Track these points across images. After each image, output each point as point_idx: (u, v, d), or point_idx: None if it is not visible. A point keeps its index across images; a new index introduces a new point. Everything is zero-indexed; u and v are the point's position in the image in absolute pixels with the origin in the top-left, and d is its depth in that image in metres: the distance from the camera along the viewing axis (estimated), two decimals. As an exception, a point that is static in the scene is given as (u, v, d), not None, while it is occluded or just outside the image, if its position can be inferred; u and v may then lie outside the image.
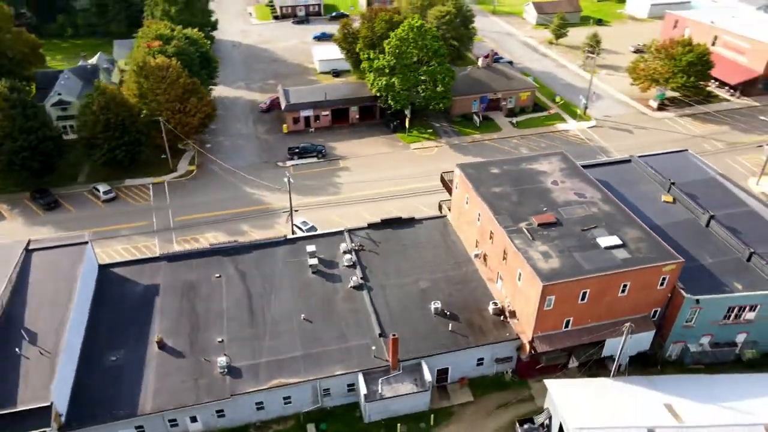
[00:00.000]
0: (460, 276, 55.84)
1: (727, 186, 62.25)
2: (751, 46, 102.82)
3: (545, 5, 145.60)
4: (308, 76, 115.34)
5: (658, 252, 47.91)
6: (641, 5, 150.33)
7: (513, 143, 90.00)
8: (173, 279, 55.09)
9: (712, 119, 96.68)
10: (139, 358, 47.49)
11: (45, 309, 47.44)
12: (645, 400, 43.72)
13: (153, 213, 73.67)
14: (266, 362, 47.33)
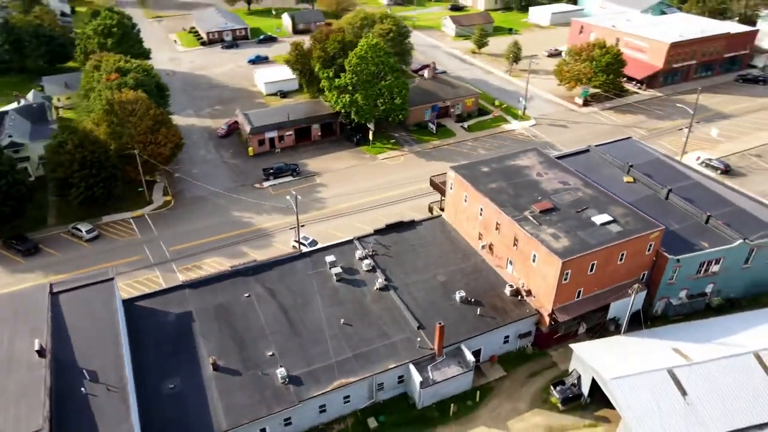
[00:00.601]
0: (471, 267, 61.51)
1: (672, 164, 73.15)
2: (649, 45, 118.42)
3: (462, 18, 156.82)
4: (255, 99, 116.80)
5: (643, 223, 56.37)
6: (543, 14, 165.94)
7: (469, 146, 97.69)
8: (203, 304, 56.02)
9: (630, 110, 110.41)
10: (197, 381, 48.43)
11: (94, 347, 47.06)
12: (656, 348, 51.51)
13: (144, 246, 72.78)
14: (321, 367, 50.07)
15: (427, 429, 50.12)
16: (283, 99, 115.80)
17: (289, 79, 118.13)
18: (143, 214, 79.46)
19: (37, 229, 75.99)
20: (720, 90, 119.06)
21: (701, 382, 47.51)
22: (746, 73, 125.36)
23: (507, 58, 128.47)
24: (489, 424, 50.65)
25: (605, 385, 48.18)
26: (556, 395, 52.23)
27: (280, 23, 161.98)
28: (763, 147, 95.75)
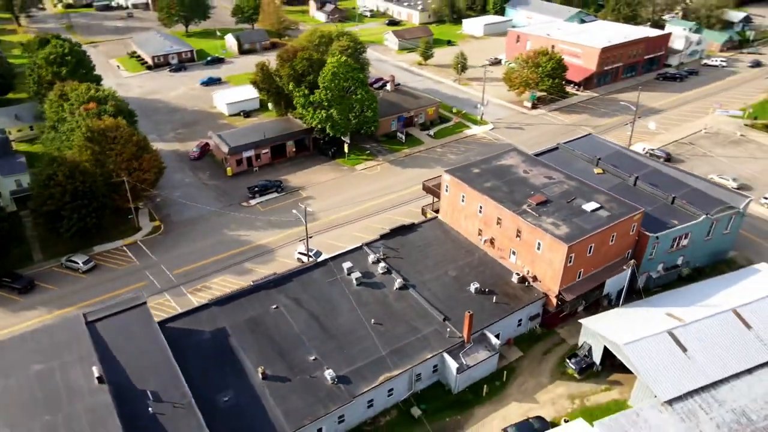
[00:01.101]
0: (476, 261, 66.65)
1: (631, 155, 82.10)
2: (582, 50, 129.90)
3: (403, 32, 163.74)
4: (217, 120, 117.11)
5: (625, 207, 63.79)
6: (476, 26, 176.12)
7: (439, 152, 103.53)
8: (235, 319, 57.52)
9: (573, 110, 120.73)
10: (250, 391, 50.14)
11: (146, 369, 47.87)
12: (652, 315, 58.61)
13: (146, 272, 72.46)
14: (364, 365, 53.21)
15: (466, 411, 54.40)
16: (247, 118, 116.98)
17: (250, 98, 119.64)
18: (135, 241, 78.80)
19: (24, 266, 73.54)
20: (645, 88, 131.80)
21: (695, 339, 54.87)
22: (665, 71, 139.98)
23: (455, 68, 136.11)
24: (519, 399, 55.67)
25: (619, 351, 54.51)
26: (572, 367, 58.10)
27: (223, 44, 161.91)
28: (693, 135, 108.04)
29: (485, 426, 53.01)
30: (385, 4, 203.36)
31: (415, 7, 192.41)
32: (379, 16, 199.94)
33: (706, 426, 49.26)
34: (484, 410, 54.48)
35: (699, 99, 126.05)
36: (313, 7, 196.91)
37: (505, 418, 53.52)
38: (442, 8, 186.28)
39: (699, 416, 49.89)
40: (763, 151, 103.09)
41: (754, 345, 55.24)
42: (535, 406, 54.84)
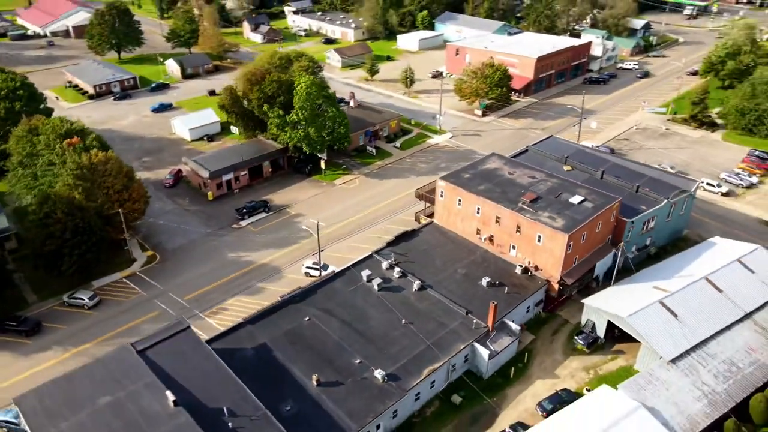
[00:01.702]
0: (479, 257, 72.49)
1: (590, 152, 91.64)
2: (519, 60, 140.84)
3: (345, 50, 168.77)
4: (181, 146, 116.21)
5: (605, 198, 72.15)
6: (411, 41, 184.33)
7: (408, 162, 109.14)
8: (273, 334, 59.61)
9: (520, 115, 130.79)
10: (309, 399, 52.69)
11: (211, 388, 49.26)
12: (640, 289, 66.91)
13: (156, 302, 72.18)
14: (407, 362, 57.24)
15: (498, 393, 59.71)
16: (211, 142, 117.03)
17: (212, 122, 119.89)
18: (134, 273, 77.93)
19: (19, 309, 70.88)
20: (575, 91, 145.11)
21: (681, 305, 63.51)
22: (589, 76, 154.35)
23: (403, 82, 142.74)
24: (542, 376, 61.76)
25: (623, 322, 62.04)
26: (581, 343, 65.06)
27: (164, 69, 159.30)
28: (627, 132, 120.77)
29: (519, 404, 58.58)
30: (317, 23, 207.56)
31: (348, 25, 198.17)
32: (313, 35, 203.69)
33: (705, 377, 57.60)
34: (515, 390, 60.08)
35: (624, 99, 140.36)
36: (247, 29, 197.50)
37: (535, 395, 59.37)
38: (375, 25, 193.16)
39: (698, 370, 58.20)
40: (686, 141, 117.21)
41: (728, 305, 64.79)
42: (558, 381, 61.15)
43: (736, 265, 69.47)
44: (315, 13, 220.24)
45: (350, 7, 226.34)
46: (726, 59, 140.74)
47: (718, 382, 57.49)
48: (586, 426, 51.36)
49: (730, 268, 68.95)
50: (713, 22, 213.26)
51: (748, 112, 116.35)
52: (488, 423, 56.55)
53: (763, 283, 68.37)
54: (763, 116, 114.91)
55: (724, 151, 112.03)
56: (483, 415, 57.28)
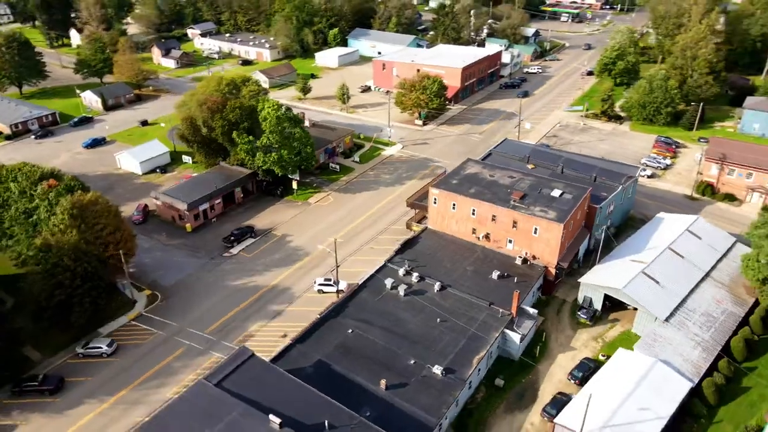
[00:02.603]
0: (480, 254, 79.45)
1: (544, 150, 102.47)
2: (446, 71, 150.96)
3: (270, 71, 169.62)
4: (133, 180, 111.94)
5: (578, 189, 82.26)
6: (330, 58, 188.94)
7: (372, 174, 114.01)
8: (324, 349, 62.19)
9: (456, 122, 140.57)
10: (383, 402, 56.13)
11: (301, 406, 51.20)
12: (622, 264, 77.42)
13: (177, 339, 70.89)
14: (455, 355, 62.42)
15: (531, 371, 66.76)
16: (165, 174, 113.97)
17: (161, 153, 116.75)
18: (139, 314, 75.57)
19: (27, 368, 66.40)
20: (496, 96, 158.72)
21: (659, 273, 74.79)
22: (504, 81, 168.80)
23: (339, 98, 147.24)
24: (562, 351, 69.83)
25: (619, 294, 71.81)
26: (583, 317, 74.11)
27: (79, 102, 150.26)
28: (553, 129, 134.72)
29: (552, 377, 66.06)
30: (228, 45, 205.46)
31: (263, 45, 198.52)
32: (226, 57, 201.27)
33: (693, 329, 68.83)
34: (544, 366, 67.51)
35: (538, 100, 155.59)
36: (157, 54, 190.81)
37: (563, 367, 67.20)
38: (290, 45, 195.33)
39: (687, 324, 69.33)
40: (603, 134, 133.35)
41: (691, 268, 77.24)
42: (576, 352, 69.53)
43: (687, 234, 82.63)
44: (223, 35, 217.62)
45: (256, 28, 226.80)
46: (616, 60, 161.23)
47: (703, 331, 68.97)
48: (622, 383, 59.91)
49: (683, 237, 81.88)
50: (588, 27, 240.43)
51: (648, 105, 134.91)
52: (532, 398, 63.41)
53: (711, 247, 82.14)
54: (660, 108, 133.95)
55: (635, 140, 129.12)
56: (526, 392, 64.03)
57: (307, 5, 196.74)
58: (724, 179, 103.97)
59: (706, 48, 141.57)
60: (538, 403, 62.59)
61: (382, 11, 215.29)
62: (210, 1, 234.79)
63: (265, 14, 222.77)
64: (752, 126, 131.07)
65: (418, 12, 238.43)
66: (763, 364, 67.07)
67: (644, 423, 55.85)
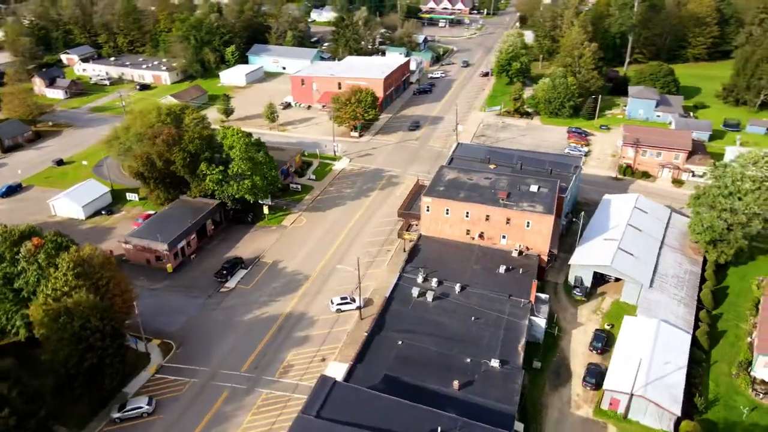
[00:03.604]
0: (478, 252, 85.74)
1: (498, 150, 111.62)
2: (368, 82, 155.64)
3: (181, 94, 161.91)
4: (78, 227, 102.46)
5: (548, 183, 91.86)
6: (237, 76, 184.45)
7: (332, 189, 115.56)
8: (384, 363, 64.65)
9: (388, 131, 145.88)
10: (460, 401, 59.90)
11: (406, 421, 53.36)
12: (599, 243, 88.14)
13: (213, 383, 68.27)
14: (502, 346, 67.86)
15: (556, 349, 74.33)
16: (112, 215, 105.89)
17: (102, 194, 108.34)
18: (160, 365, 71.20)
19: (57, 446, 60.34)
20: (413, 103, 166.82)
21: (630, 246, 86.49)
22: (417, 88, 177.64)
23: (267, 117, 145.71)
24: (573, 327, 78.37)
25: (608, 269, 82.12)
26: (579, 294, 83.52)
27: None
28: (479, 129, 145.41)
29: (576, 351, 74.16)
30: (117, 70, 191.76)
31: (158, 68, 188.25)
32: (117, 83, 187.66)
33: (669, 289, 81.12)
34: (565, 342, 75.54)
35: (452, 102, 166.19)
36: (40, 84, 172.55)
37: (579, 341, 75.72)
38: (190, 65, 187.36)
39: (664, 287, 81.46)
40: (521, 129, 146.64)
41: (650, 239, 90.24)
42: (585, 326, 78.49)
43: (637, 211, 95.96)
44: (107, 59, 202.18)
45: (140, 49, 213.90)
46: (511, 61, 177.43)
47: (678, 290, 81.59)
48: (641, 345, 69.46)
49: (635, 213, 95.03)
50: (467, 32, 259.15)
51: (553, 100, 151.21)
52: (567, 373, 70.96)
53: (657, 219, 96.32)
54: (564, 102, 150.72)
55: (550, 133, 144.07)
56: (560, 369, 71.43)
57: (204, 24, 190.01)
58: (639, 160, 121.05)
59: (590, 47, 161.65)
60: (575, 376, 70.32)
61: (276, 26, 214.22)
62: (82, 24, 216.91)
63: (150, 35, 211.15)
64: (638, 111, 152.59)
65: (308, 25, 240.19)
66: (726, 309, 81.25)
67: (672, 375, 65.70)
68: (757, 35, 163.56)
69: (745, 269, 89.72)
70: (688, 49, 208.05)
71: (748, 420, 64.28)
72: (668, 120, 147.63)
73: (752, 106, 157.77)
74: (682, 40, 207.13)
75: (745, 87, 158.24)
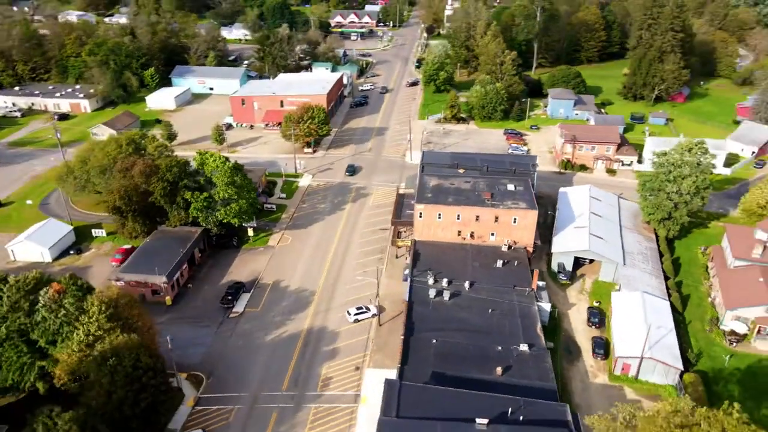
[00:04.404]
0: (472, 250, 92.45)
1: (462, 154, 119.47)
2: (311, 98, 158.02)
3: (114, 122, 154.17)
4: (47, 269, 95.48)
5: (521, 182, 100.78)
6: (166, 100, 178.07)
7: (306, 205, 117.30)
8: (427, 361, 68.79)
9: (338, 144, 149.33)
10: (505, 384, 65.66)
11: (471, 410, 58.25)
12: (570, 231, 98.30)
13: (260, 407, 68.70)
14: (524, 331, 74.62)
15: (560, 329, 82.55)
16: (82, 254, 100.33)
17: (66, 233, 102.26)
18: (197, 397, 70.15)
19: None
20: (353, 115, 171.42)
21: (598, 231, 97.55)
22: (353, 100, 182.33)
23: (216, 139, 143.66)
24: (567, 308, 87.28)
25: (588, 253, 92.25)
26: (563, 278, 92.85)
27: None
28: (426, 136, 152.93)
29: (577, 328, 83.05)
30: (25, 99, 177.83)
31: (75, 95, 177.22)
32: (28, 114, 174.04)
33: (639, 265, 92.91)
34: (565, 322, 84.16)
35: (389, 112, 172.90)
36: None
37: (577, 319, 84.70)
38: (112, 90, 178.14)
39: (635, 263, 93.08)
40: (463, 134, 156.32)
41: (609, 223, 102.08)
42: (577, 305, 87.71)
43: (592, 200, 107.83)
44: (10, 89, 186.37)
45: (45, 76, 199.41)
46: (438, 71, 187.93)
47: (645, 264, 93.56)
48: (633, 315, 79.43)
49: (591, 202, 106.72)
50: (381, 44, 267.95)
51: (486, 105, 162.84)
52: (577, 348, 79.49)
53: (609, 205, 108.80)
54: (496, 106, 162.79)
55: (489, 135, 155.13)
56: (570, 345, 79.81)
57: (123, 47, 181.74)
58: (577, 154, 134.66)
59: (510, 54, 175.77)
60: (584, 350, 78.87)
61: (196, 46, 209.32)
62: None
63: (55, 60, 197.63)
64: (558, 111, 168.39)
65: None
66: (684, 276, 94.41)
67: (666, 338, 76.09)
68: (646, 38, 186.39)
69: (687, 241, 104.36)
70: (582, 52, 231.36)
71: (729, 366, 76.22)
72: (586, 117, 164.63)
73: (649, 101, 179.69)
74: (576, 45, 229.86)
75: (642, 84, 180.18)
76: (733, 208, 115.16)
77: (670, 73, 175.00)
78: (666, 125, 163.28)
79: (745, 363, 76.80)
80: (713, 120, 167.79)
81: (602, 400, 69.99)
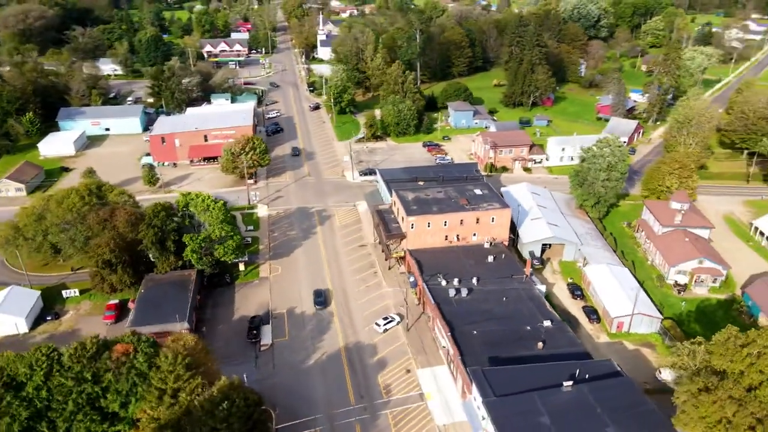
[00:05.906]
0: (460, 251, 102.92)
1: (417, 167, 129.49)
2: (236, 131, 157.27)
3: (16, 175, 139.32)
4: (27, 342, 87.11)
5: (484, 187, 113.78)
6: (64, 146, 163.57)
7: (277, 235, 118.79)
8: (479, 350, 77.42)
9: (277, 172, 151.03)
10: (547, 355, 76.83)
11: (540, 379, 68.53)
12: (529, 222, 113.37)
13: (339, 422, 72.07)
14: (536, 310, 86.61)
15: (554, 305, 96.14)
16: (60, 318, 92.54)
17: (36, 299, 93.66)
18: (275, 430, 70.92)
19: None
20: (274, 142, 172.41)
21: (550, 220, 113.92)
22: (268, 130, 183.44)
23: (149, 182, 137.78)
24: (550, 286, 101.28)
25: (554, 239, 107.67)
26: (537, 264, 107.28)
27: None
28: (356, 156, 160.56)
29: (564, 301, 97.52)
30: None
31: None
32: None
33: (591, 242, 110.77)
34: (554, 299, 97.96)
35: (308, 136, 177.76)
36: None
37: (561, 295, 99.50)
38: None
39: (588, 242, 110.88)
40: (386, 151, 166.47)
41: (555, 212, 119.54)
42: (556, 284, 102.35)
43: (535, 195, 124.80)
44: None
45: None
46: (341, 94, 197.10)
47: (595, 241, 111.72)
48: (609, 283, 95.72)
49: (533, 196, 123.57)
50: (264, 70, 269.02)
51: (399, 122, 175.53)
52: (573, 318, 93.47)
53: (546, 197, 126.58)
54: (409, 122, 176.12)
55: (411, 149, 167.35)
56: (567, 317, 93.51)
57: (3, 93, 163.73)
58: (498, 158, 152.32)
59: (411, 75, 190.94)
60: (581, 319, 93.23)
61: (77, 87, 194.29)
62: None
63: None
64: (461, 121, 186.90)
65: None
66: (622, 247, 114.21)
67: (640, 296, 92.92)
68: (516, 53, 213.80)
69: (611, 218, 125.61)
70: (453, 67, 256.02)
71: (685, 309, 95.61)
72: (485, 125, 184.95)
73: (526, 107, 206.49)
74: (448, 61, 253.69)
75: (521, 92, 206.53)
76: (631, 188, 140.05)
77: (542, 82, 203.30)
78: (548, 126, 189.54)
79: (693, 305, 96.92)
80: (581, 118, 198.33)
81: (612, 354, 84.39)
